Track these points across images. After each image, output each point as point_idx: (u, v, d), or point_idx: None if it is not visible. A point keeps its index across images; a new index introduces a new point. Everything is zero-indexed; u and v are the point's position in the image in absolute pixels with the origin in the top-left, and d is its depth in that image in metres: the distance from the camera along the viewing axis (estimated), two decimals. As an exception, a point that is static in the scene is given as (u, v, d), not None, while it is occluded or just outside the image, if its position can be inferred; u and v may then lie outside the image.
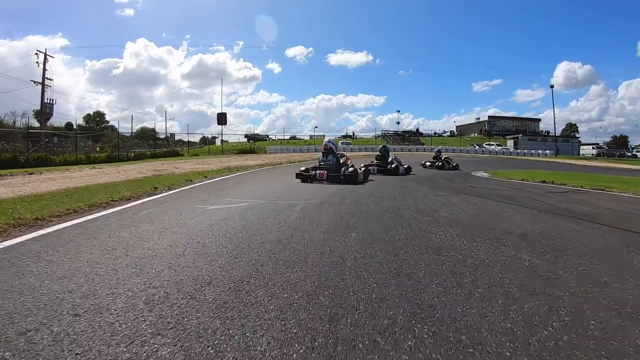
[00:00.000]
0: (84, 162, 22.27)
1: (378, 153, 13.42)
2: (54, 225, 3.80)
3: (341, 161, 9.48)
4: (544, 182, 9.98)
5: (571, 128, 68.79)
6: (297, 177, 9.01)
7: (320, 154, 10.20)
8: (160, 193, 6.66)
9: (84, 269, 2.36)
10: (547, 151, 44.28)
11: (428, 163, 16.69)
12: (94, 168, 15.62)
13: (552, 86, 52.00)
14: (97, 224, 3.87)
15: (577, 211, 4.99)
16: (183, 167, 15.38)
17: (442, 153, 18.05)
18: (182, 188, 7.49)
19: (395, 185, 8.30)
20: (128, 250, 2.77)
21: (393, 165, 12.27)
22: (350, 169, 8.96)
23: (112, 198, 5.66)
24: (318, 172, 8.89)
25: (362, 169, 10.50)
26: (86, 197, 5.69)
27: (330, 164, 9.31)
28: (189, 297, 1.82)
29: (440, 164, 16.15)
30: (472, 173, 13.99)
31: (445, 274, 2.16)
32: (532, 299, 1.89)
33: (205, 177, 10.17)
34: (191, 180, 8.98)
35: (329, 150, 9.78)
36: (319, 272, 2.14)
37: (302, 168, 9.29)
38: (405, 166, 12.66)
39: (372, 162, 12.93)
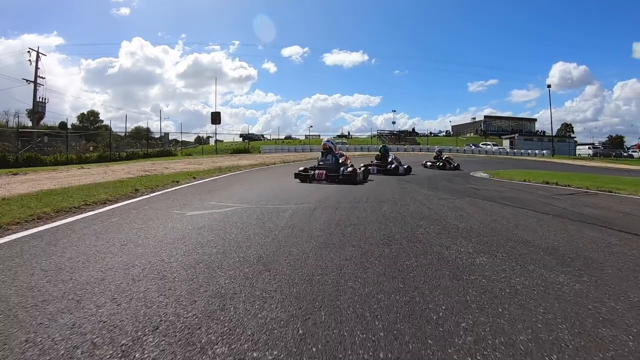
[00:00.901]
0: (75, 162, 21.73)
1: (378, 153, 13.27)
2: (10, 234, 3.30)
3: (340, 161, 9.32)
4: (547, 183, 9.62)
5: (566, 128, 68.73)
6: (295, 177, 8.80)
7: (317, 154, 9.92)
8: (140, 195, 6.13)
9: (10, 300, 1.84)
10: (544, 151, 43.95)
11: (429, 163, 16.61)
12: (82, 168, 15.00)
13: (549, 86, 51.49)
14: (57, 234, 3.34)
15: (594, 216, 4.54)
16: (173, 167, 14.81)
17: (443, 153, 17.80)
18: (166, 190, 6.94)
19: (394, 187, 7.81)
20: (74, 271, 2.23)
21: (393, 166, 12.13)
22: (349, 169, 8.75)
23: (86, 202, 5.13)
24: (317, 172, 8.71)
25: (362, 168, 10.30)
26: (57, 200, 5.15)
27: (329, 164, 9.14)
28: (120, 354, 1.29)
29: (441, 164, 16.06)
30: (471, 173, 13.63)
31: (473, 311, 1.65)
32: (592, 349, 1.39)
33: (194, 177, 9.64)
34: (177, 182, 8.42)
35: (328, 150, 9.59)
36: (305, 310, 1.61)
37: (301, 168, 9.05)
38: (405, 166, 12.50)
39: (372, 161, 12.78)
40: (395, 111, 78.67)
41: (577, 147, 53.05)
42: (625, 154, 48.22)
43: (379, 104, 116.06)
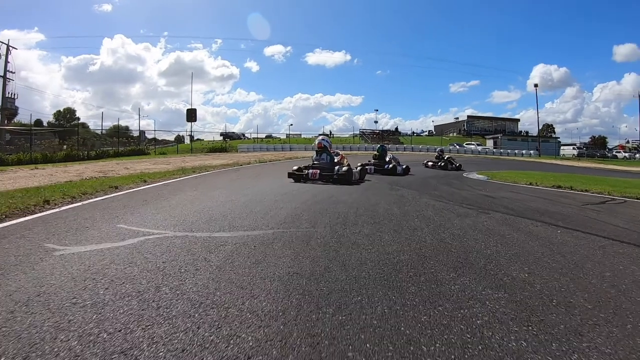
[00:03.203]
0: (39, 161, 19.90)
1: (376, 152, 12.75)
2: None
3: (336, 160, 8.94)
4: (558, 187, 8.42)
5: (548, 129, 69.00)
6: (289, 177, 8.42)
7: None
8: (45, 210, 4.51)
9: None
10: (531, 151, 43.24)
11: (430, 163, 16.17)
12: (36, 169, 12.84)
13: (536, 85, 50.97)
14: None
15: None
16: (135, 168, 12.83)
17: (444, 153, 16.91)
18: (90, 200, 5.19)
19: (391, 195, 6.16)
20: None
21: (390, 165, 11.61)
22: (344, 168, 8.27)
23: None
24: (311, 171, 8.35)
25: (358, 168, 9.92)
26: None
27: (324, 163, 8.76)
28: None
29: (442, 164, 15.65)
30: (464, 174, 12.53)
31: None
32: None
33: (145, 181, 7.81)
34: (116, 187, 6.59)
35: (323, 149, 9.09)
36: None
37: (295, 167, 8.63)
38: (404, 166, 11.94)
39: (369, 161, 12.36)
40: (377, 110, 76.95)
41: (561, 147, 52.78)
42: (609, 154, 48.35)
43: (361, 103, 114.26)
